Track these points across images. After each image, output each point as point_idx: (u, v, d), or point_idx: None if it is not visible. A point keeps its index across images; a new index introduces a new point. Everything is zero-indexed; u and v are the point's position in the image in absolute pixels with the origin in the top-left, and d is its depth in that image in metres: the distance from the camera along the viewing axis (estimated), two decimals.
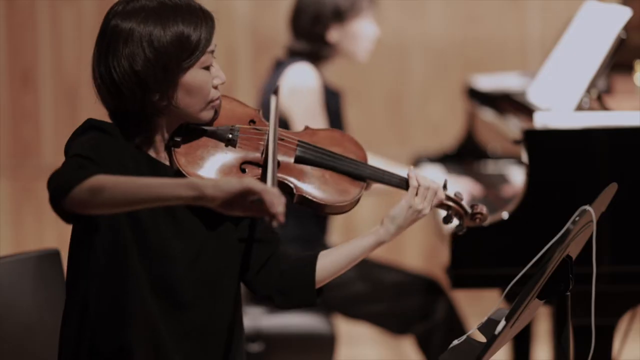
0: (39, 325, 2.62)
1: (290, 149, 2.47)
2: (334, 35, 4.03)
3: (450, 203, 2.54)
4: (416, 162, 4.62)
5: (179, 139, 2.40)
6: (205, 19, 2.37)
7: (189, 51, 2.34)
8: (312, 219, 3.99)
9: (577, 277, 2.33)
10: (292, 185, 2.44)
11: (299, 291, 2.47)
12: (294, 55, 4.06)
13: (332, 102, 4.06)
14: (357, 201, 2.49)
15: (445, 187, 2.53)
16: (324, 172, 2.47)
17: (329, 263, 2.47)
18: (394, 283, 3.96)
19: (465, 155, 4.50)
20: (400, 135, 5.72)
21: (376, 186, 2.54)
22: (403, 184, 2.50)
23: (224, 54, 5.49)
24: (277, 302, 2.49)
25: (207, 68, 2.38)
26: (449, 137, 5.23)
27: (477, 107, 4.38)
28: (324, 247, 3.56)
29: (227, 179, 2.21)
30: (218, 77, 2.40)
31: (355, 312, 3.99)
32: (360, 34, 4.05)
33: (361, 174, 2.49)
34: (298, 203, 2.44)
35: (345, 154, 2.51)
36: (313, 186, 2.45)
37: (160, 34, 2.32)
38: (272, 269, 2.48)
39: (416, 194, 2.46)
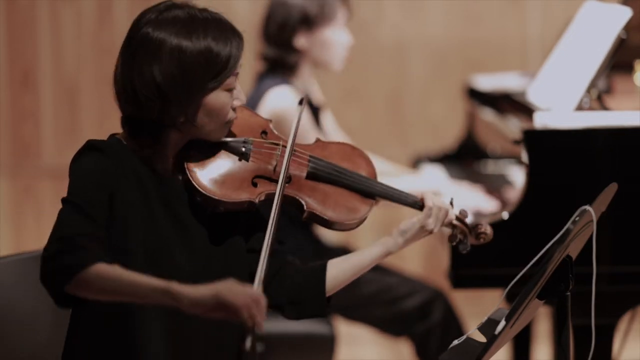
0: (39, 325, 2.62)
1: (302, 164, 2.47)
2: (301, 42, 3.93)
3: (456, 222, 2.54)
4: (416, 162, 4.62)
5: (191, 152, 2.38)
6: (235, 37, 2.34)
7: (215, 70, 2.31)
8: (299, 228, 3.96)
9: (577, 277, 2.33)
10: (303, 202, 2.44)
11: (311, 302, 2.45)
12: (266, 63, 3.99)
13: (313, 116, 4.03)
14: (365, 218, 2.49)
15: (451, 205, 2.54)
16: (335, 190, 2.48)
17: (339, 273, 2.46)
18: (392, 286, 3.96)
19: (465, 155, 4.49)
20: (400, 135, 5.72)
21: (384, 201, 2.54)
22: (416, 204, 2.52)
23: None
24: (287, 313, 2.47)
25: (230, 90, 2.36)
26: (449, 137, 5.23)
27: (477, 107, 4.38)
28: (319, 256, 3.55)
29: (203, 294, 2.11)
30: (238, 99, 2.38)
31: (354, 314, 3.98)
32: (332, 42, 3.95)
33: (372, 192, 2.50)
34: (307, 219, 2.45)
35: (355, 170, 2.51)
36: (323, 204, 2.45)
37: (188, 48, 2.28)
38: (283, 279, 2.45)
39: (430, 215, 2.47)
